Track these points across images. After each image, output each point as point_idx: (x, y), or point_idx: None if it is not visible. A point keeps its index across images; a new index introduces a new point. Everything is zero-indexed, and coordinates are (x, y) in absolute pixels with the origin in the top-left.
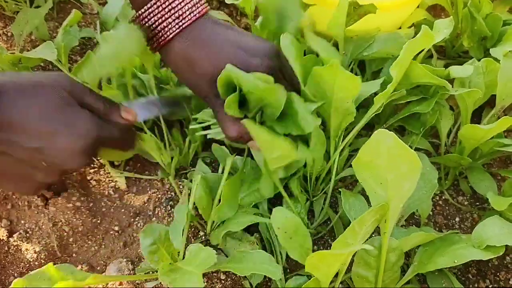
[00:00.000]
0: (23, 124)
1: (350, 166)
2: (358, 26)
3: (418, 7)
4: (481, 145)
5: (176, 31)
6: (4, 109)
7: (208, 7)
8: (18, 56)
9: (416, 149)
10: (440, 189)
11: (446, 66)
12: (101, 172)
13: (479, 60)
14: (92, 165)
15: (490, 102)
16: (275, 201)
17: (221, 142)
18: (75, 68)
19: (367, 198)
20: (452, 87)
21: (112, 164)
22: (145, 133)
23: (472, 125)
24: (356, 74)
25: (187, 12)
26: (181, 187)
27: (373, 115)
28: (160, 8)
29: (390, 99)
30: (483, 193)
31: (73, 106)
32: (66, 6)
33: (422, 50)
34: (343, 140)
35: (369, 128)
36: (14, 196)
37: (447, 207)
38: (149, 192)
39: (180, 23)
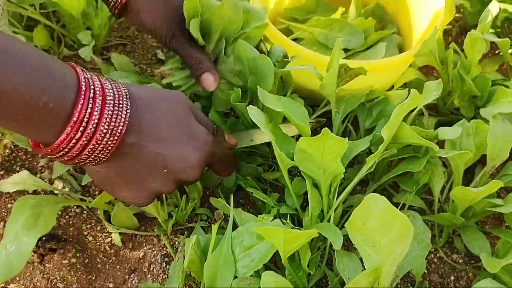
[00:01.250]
0: (153, 130)
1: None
2: (350, 85)
3: (410, 66)
4: (474, 204)
5: None
6: (137, 114)
7: None
8: None
9: (410, 207)
10: (434, 247)
11: (438, 123)
12: (98, 228)
13: (470, 118)
14: (89, 220)
15: (482, 159)
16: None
17: (217, 196)
18: None
19: None
20: (444, 146)
21: (108, 219)
22: None
23: (463, 188)
24: (350, 131)
25: None
26: (176, 243)
27: (365, 173)
28: None
29: (381, 157)
30: (477, 252)
31: (194, 120)
32: (70, 61)
33: (414, 109)
34: (337, 198)
35: (364, 184)
36: None
37: (442, 265)
38: (144, 248)
39: None
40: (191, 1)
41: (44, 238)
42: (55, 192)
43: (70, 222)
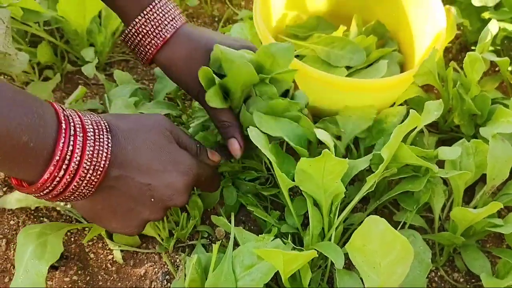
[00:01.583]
0: (136, 161)
1: (347, 241)
2: (352, 103)
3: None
4: (474, 224)
5: (168, 35)
6: (118, 146)
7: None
8: None
9: (411, 226)
10: (435, 265)
11: (438, 140)
12: (100, 245)
13: (470, 136)
14: (91, 238)
15: (483, 177)
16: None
17: (217, 213)
18: None
19: None
20: (444, 165)
21: (110, 236)
22: None
23: (462, 208)
24: (351, 150)
25: (176, 17)
26: (178, 260)
27: (366, 192)
28: (150, 19)
29: (382, 177)
30: (478, 272)
31: (175, 145)
32: (73, 77)
33: (415, 128)
34: (338, 216)
35: (365, 201)
36: (13, 271)
37: (442, 284)
38: (146, 265)
39: (168, 29)
40: (204, 71)
41: None
42: (57, 209)
43: (72, 239)
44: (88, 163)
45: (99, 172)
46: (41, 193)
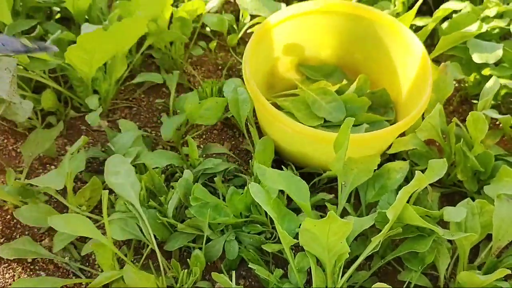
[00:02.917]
0: None
1: None
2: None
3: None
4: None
5: None
6: None
7: None
8: (25, 184)
9: (416, 286)
10: None
11: (442, 195)
12: None
13: (473, 192)
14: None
15: (488, 235)
16: None
17: (218, 267)
18: None
19: None
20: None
21: None
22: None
23: (469, 273)
24: (354, 204)
25: None
26: None
27: (370, 252)
28: None
29: (386, 236)
30: None
31: None
32: (75, 123)
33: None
34: (342, 276)
35: (369, 258)
36: None
37: None
38: None
39: None
40: None
41: None
42: (55, 261)
43: None
44: None
45: None
46: None
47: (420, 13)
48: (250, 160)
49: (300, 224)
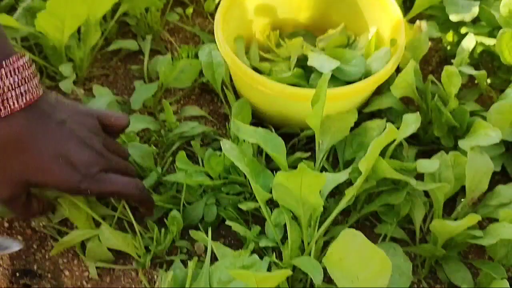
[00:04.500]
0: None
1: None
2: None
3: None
4: (455, 236)
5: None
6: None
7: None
8: None
9: (392, 238)
10: (417, 278)
11: (418, 153)
12: (75, 261)
13: (450, 148)
14: (65, 254)
15: (464, 189)
16: None
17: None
18: None
19: None
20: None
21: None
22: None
23: (441, 220)
24: (332, 162)
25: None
26: (155, 276)
27: (346, 205)
28: None
29: (361, 190)
30: (459, 284)
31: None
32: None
33: (394, 141)
34: (318, 230)
35: (346, 214)
36: None
37: None
38: (122, 282)
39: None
40: None
41: (17, 274)
42: (32, 225)
43: (46, 256)
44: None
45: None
46: None
47: None
48: (228, 124)
49: None
